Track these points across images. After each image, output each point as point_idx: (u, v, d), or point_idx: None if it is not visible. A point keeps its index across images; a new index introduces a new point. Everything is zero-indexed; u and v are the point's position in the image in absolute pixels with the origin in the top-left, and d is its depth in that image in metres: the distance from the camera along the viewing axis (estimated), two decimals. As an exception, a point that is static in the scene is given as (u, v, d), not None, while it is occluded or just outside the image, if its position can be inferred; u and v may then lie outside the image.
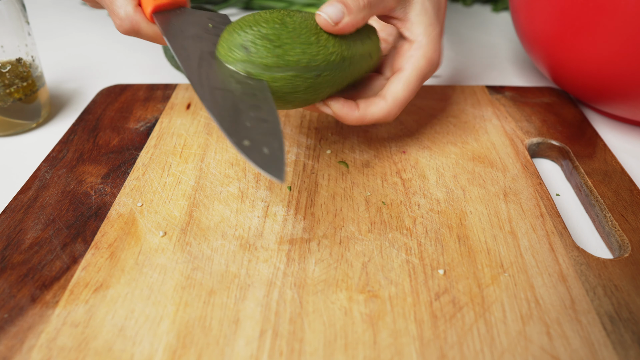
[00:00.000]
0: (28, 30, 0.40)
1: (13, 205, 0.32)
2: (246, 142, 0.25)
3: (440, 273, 0.27)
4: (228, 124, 0.26)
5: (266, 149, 0.25)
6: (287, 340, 0.24)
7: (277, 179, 0.24)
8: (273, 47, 0.28)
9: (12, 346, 0.24)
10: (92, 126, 0.40)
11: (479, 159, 0.37)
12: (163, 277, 0.27)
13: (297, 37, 0.29)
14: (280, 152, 0.25)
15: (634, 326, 0.25)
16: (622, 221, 0.31)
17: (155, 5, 0.32)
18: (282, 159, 0.25)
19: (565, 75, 0.41)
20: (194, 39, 0.31)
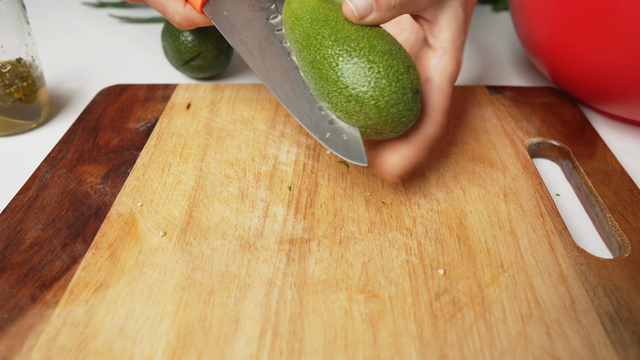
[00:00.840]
0: (28, 30, 0.40)
1: (13, 205, 0.32)
2: (328, 134, 0.28)
3: (440, 273, 0.27)
4: (309, 121, 0.28)
5: (345, 135, 0.28)
6: (287, 340, 0.24)
7: (360, 163, 0.27)
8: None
9: (12, 346, 0.24)
10: (92, 126, 0.40)
11: (479, 159, 0.37)
12: (163, 277, 0.27)
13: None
14: (357, 137, 0.28)
15: (634, 326, 0.25)
16: (622, 221, 0.31)
17: (202, 1, 0.33)
18: (361, 143, 0.27)
19: (565, 75, 0.41)
20: (247, 25, 0.33)
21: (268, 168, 0.35)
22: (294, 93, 0.30)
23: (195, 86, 0.46)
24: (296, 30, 0.30)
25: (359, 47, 0.27)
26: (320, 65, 0.28)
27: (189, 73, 0.49)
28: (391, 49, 0.28)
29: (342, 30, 0.28)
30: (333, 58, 0.27)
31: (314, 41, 0.28)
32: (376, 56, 0.27)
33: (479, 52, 0.58)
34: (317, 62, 0.28)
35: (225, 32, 0.33)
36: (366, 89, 0.26)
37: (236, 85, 0.46)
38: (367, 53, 0.27)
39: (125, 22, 0.66)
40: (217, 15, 0.34)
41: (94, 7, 0.71)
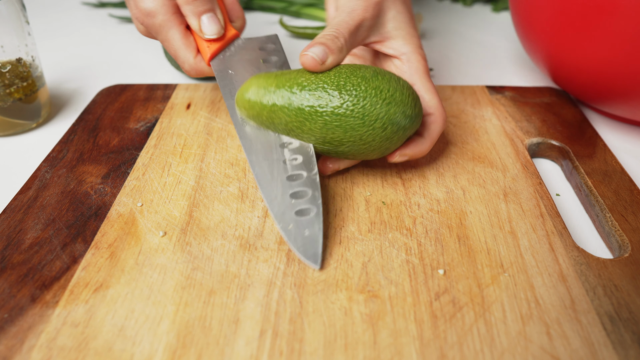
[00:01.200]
0: (28, 30, 0.40)
1: (13, 205, 0.32)
2: (291, 226, 0.28)
3: (440, 273, 0.27)
4: (276, 207, 0.29)
5: (307, 231, 0.28)
6: (287, 340, 0.24)
7: (313, 264, 0.27)
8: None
9: (12, 346, 0.24)
10: (92, 126, 0.40)
11: (479, 158, 0.37)
12: (163, 277, 0.27)
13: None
14: (317, 236, 0.28)
15: (634, 326, 0.25)
16: (622, 221, 0.31)
17: (211, 55, 0.34)
18: (319, 244, 0.27)
19: (565, 75, 0.41)
20: None
21: (268, 168, 0.35)
22: (270, 174, 0.30)
23: (195, 86, 0.46)
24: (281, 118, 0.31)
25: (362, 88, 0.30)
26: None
27: (189, 73, 0.49)
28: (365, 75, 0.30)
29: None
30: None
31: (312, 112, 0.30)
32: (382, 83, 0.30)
33: (479, 52, 0.58)
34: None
35: (224, 92, 0.34)
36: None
37: (236, 85, 0.46)
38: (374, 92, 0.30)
39: (125, 22, 0.66)
40: (222, 73, 0.34)
41: (94, 7, 0.71)
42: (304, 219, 0.28)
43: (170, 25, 0.33)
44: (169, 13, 0.33)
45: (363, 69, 0.30)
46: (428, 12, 0.70)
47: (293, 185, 0.30)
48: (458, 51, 0.58)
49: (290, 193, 0.29)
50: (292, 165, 0.30)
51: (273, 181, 0.30)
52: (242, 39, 0.36)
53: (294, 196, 0.29)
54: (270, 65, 0.35)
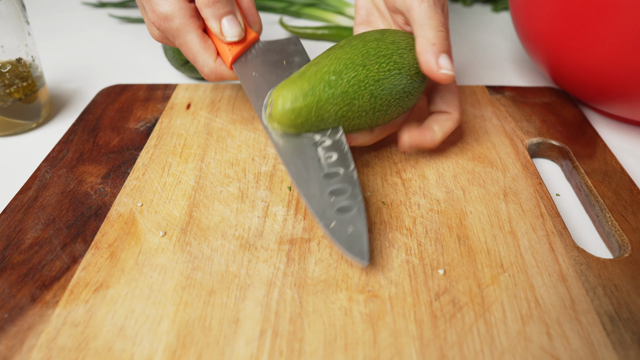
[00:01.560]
0: (28, 30, 0.40)
1: (13, 205, 0.32)
2: (333, 223, 0.27)
3: (440, 273, 0.27)
4: (316, 205, 0.28)
5: (350, 228, 0.27)
6: (287, 340, 0.24)
7: (361, 261, 0.26)
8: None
9: (12, 346, 0.24)
10: (92, 126, 0.40)
11: (479, 158, 0.37)
12: (163, 277, 0.27)
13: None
14: (362, 232, 0.27)
15: (634, 326, 0.25)
16: (622, 221, 0.31)
17: (233, 58, 0.34)
18: (365, 240, 0.27)
19: (565, 75, 0.41)
20: (272, 89, 0.33)
21: (268, 168, 0.35)
22: (306, 172, 0.29)
23: (195, 86, 0.46)
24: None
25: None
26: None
27: (189, 73, 0.49)
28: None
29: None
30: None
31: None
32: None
33: (479, 52, 0.58)
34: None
35: (250, 94, 0.33)
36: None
37: (236, 85, 0.46)
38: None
39: (125, 22, 0.66)
40: (246, 76, 0.34)
41: (94, 7, 0.71)
42: (346, 216, 0.28)
43: (188, 29, 0.33)
44: (186, 17, 0.33)
45: (368, 34, 0.32)
46: (428, 12, 0.70)
47: (331, 182, 0.29)
48: (458, 51, 0.58)
49: (329, 191, 0.29)
50: (327, 163, 0.30)
51: (309, 180, 0.29)
52: (263, 41, 0.36)
53: (334, 193, 0.28)
54: (294, 66, 0.35)
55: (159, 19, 0.33)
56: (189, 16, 0.33)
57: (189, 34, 0.33)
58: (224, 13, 0.33)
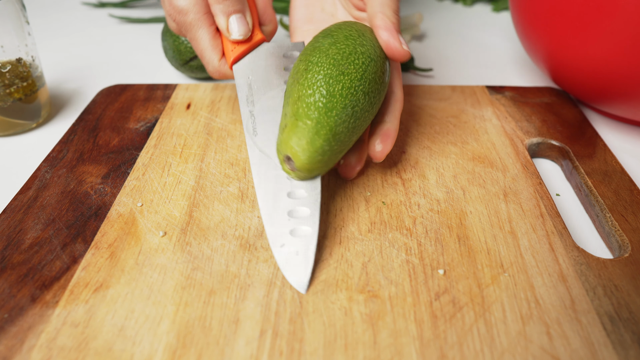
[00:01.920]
0: (28, 30, 0.40)
1: (13, 205, 0.32)
2: (283, 245, 0.27)
3: (440, 273, 0.27)
4: (270, 226, 0.28)
5: (300, 253, 0.27)
6: (287, 340, 0.24)
7: (299, 288, 0.26)
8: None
9: (12, 346, 0.24)
10: (92, 126, 0.40)
11: (479, 159, 0.37)
12: (163, 277, 0.27)
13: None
14: (309, 258, 0.27)
15: (634, 326, 0.25)
16: (622, 221, 0.31)
17: (234, 59, 0.34)
18: (309, 271, 0.27)
19: (565, 75, 0.41)
20: (265, 94, 0.33)
21: (268, 168, 0.35)
22: (272, 193, 0.29)
23: (195, 86, 0.46)
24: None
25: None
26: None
27: (189, 73, 0.49)
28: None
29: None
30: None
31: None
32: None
33: (479, 52, 0.58)
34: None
35: (240, 97, 0.33)
36: None
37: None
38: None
39: (125, 22, 0.66)
40: (241, 78, 0.34)
41: (94, 7, 0.71)
42: (297, 239, 0.28)
43: (200, 25, 0.33)
44: (200, 12, 0.33)
45: (319, 45, 0.31)
46: (428, 12, 0.70)
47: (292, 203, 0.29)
48: (458, 51, 0.58)
49: (287, 211, 0.29)
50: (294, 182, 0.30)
51: (275, 199, 0.29)
52: (269, 44, 0.36)
53: (291, 215, 0.29)
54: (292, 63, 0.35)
55: (175, 11, 0.33)
56: (203, 12, 0.33)
57: (200, 30, 0.34)
58: (233, 11, 0.33)
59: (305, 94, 0.28)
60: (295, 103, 0.29)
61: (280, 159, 0.29)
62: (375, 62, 0.30)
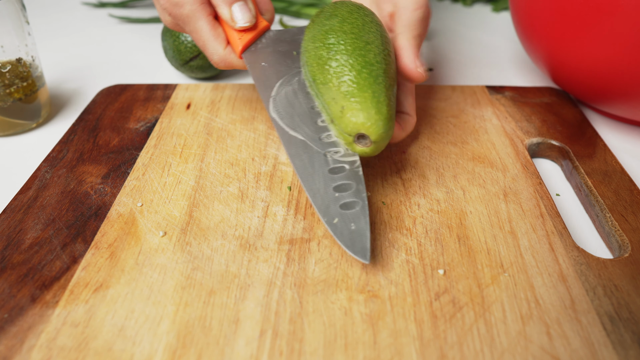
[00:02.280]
0: (28, 30, 0.40)
1: (13, 205, 0.32)
2: (336, 220, 0.27)
3: (440, 273, 0.27)
4: (320, 201, 0.28)
5: (353, 225, 0.27)
6: (287, 340, 0.24)
7: (362, 259, 0.26)
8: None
9: (12, 346, 0.24)
10: (92, 126, 0.40)
11: (479, 159, 0.37)
12: (163, 277, 0.27)
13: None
14: (364, 230, 0.27)
15: (634, 326, 0.25)
16: (622, 221, 0.31)
17: (243, 47, 0.34)
18: (367, 237, 0.26)
19: (565, 75, 0.41)
20: (280, 79, 0.33)
21: (268, 168, 0.35)
22: (312, 167, 0.29)
23: (195, 86, 0.46)
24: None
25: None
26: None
27: (189, 73, 0.49)
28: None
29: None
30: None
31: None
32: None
33: (479, 52, 0.58)
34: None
35: (258, 84, 0.33)
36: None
37: (236, 85, 0.46)
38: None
39: (125, 22, 0.66)
40: (255, 65, 0.34)
41: (94, 7, 0.71)
42: (350, 213, 0.27)
43: (198, 16, 0.33)
44: (196, 3, 0.33)
45: (325, 19, 0.32)
46: (428, 12, 0.70)
47: (336, 178, 0.29)
48: (458, 51, 0.58)
49: (333, 186, 0.28)
50: (333, 158, 0.30)
51: (314, 174, 0.29)
52: (273, 30, 0.36)
53: (338, 189, 0.28)
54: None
55: (170, 4, 0.33)
56: (199, 3, 0.33)
57: (199, 21, 0.33)
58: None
59: (346, 73, 0.29)
60: (340, 86, 0.29)
61: (348, 141, 0.29)
62: (381, 25, 0.32)
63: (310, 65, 0.31)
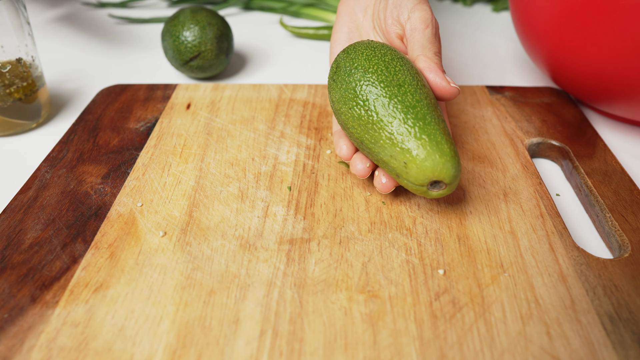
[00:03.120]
0: (28, 30, 0.40)
1: (13, 205, 0.32)
2: None
3: (440, 273, 0.27)
4: None
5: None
6: (287, 340, 0.24)
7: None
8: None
9: (12, 346, 0.24)
10: (92, 126, 0.40)
11: (479, 158, 0.37)
12: (163, 277, 0.27)
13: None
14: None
15: (634, 326, 0.25)
16: (622, 221, 0.31)
17: None
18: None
19: (565, 75, 0.41)
20: None
21: (268, 168, 0.35)
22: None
23: (195, 86, 0.46)
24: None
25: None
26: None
27: (189, 73, 0.49)
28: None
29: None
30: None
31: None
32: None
33: (479, 52, 0.58)
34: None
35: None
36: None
37: (236, 85, 0.46)
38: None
39: (125, 22, 0.66)
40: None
41: (94, 7, 0.71)
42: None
43: None
44: None
45: (346, 75, 0.31)
46: (428, 12, 0.70)
47: None
48: (458, 51, 0.58)
49: None
50: None
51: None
52: None
53: None
54: None
55: None
56: None
57: None
58: None
59: (394, 126, 0.27)
60: (392, 141, 0.27)
61: (420, 191, 0.28)
62: (402, 57, 0.31)
63: (353, 128, 0.29)
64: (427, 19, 0.33)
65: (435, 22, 0.33)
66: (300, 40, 0.60)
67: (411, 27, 0.33)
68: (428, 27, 0.33)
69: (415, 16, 0.33)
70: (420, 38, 0.33)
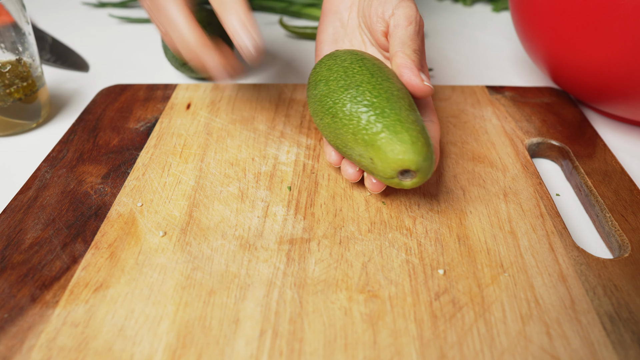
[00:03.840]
0: (28, 30, 0.40)
1: (13, 205, 0.32)
2: None
3: (440, 273, 0.27)
4: None
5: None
6: (287, 340, 0.24)
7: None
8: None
9: (12, 346, 0.24)
10: (92, 126, 0.40)
11: (479, 159, 0.37)
12: (163, 277, 0.27)
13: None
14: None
15: (634, 326, 0.25)
16: (622, 221, 0.31)
17: None
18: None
19: (565, 75, 0.41)
20: None
21: (268, 168, 0.35)
22: None
23: (195, 86, 0.46)
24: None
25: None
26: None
27: (189, 73, 0.49)
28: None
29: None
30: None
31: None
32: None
33: (479, 52, 0.58)
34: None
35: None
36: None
37: (236, 85, 0.46)
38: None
39: (125, 22, 0.66)
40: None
41: (94, 7, 0.71)
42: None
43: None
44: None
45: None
46: (428, 12, 0.70)
47: None
48: (458, 51, 0.58)
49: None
50: None
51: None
52: None
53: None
54: None
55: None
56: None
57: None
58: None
59: (356, 126, 0.28)
60: (357, 141, 0.28)
61: (394, 183, 0.28)
62: (365, 58, 0.32)
63: (328, 136, 0.31)
64: (411, 16, 0.33)
65: (419, 19, 0.33)
66: (300, 40, 0.60)
67: (394, 23, 0.33)
68: (411, 24, 0.33)
69: (399, 13, 0.33)
70: (401, 35, 0.33)
